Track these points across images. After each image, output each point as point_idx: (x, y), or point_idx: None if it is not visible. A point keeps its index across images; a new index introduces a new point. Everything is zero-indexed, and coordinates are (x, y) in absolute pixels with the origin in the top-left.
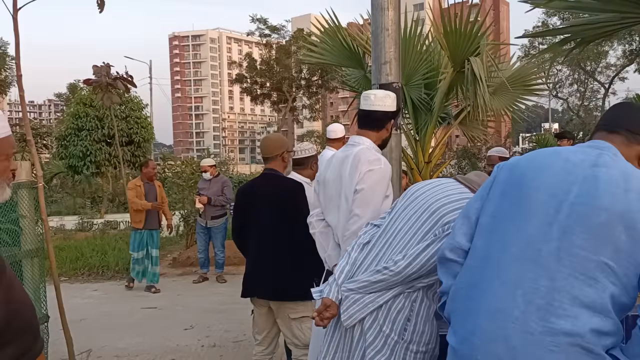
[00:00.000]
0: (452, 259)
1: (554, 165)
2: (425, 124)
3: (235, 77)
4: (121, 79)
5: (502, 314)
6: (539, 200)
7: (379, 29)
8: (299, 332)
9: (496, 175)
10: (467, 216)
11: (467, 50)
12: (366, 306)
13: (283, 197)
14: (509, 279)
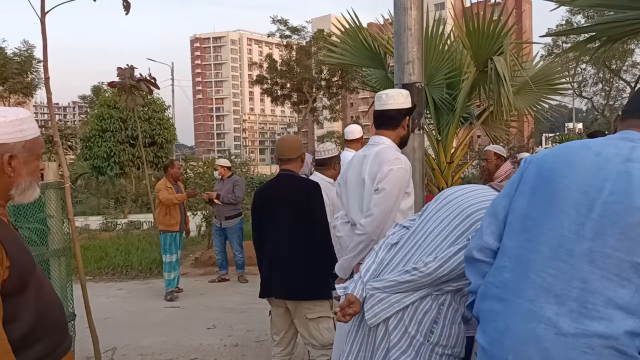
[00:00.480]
0: (480, 259)
1: (585, 160)
2: (447, 124)
3: (256, 79)
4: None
5: (534, 315)
6: (570, 198)
7: (401, 29)
8: (316, 333)
9: (524, 171)
10: (495, 214)
11: (490, 49)
12: (392, 306)
13: (299, 197)
14: (541, 280)
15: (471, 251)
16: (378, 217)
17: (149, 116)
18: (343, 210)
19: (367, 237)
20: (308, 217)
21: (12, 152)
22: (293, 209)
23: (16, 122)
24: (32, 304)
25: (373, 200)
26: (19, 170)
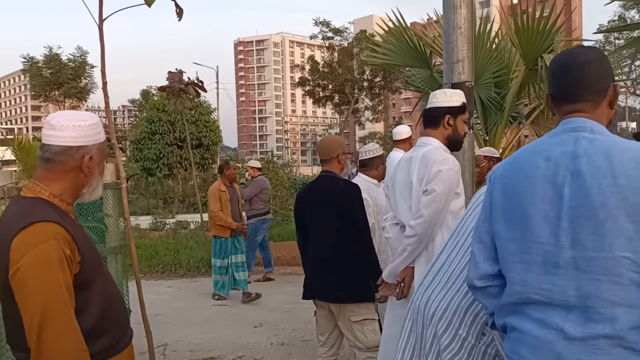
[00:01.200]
0: (484, 286)
1: (538, 169)
2: (495, 123)
3: (298, 81)
4: (192, 84)
5: (544, 322)
6: (539, 213)
7: (451, 27)
8: (361, 335)
9: (491, 192)
10: (482, 241)
11: (540, 47)
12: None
13: (338, 199)
14: (540, 297)
15: (472, 281)
16: (428, 218)
17: (195, 119)
18: (392, 212)
19: (417, 239)
20: (348, 219)
21: (90, 153)
22: (333, 210)
23: (94, 126)
24: (98, 298)
25: (422, 201)
26: (93, 170)
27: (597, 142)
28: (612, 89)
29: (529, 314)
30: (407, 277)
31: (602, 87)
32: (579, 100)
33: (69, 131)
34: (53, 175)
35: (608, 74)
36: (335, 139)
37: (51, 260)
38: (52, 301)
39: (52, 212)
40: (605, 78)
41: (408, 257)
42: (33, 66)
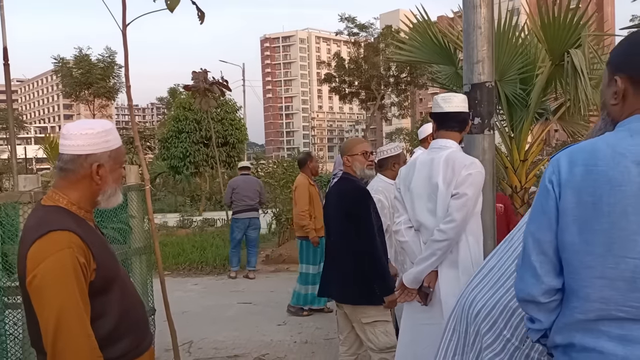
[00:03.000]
0: (548, 301)
1: (629, 175)
2: (521, 120)
3: (324, 77)
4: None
5: (627, 339)
6: (633, 225)
7: (470, 27)
8: (372, 336)
9: (557, 199)
10: (543, 252)
11: (567, 42)
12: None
13: (345, 201)
14: (625, 314)
15: (535, 297)
16: (460, 222)
17: (221, 117)
18: (406, 215)
19: (448, 243)
20: (353, 223)
21: (99, 161)
22: (341, 213)
23: (102, 134)
24: (116, 303)
25: (453, 205)
26: (106, 178)
27: None
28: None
29: (606, 331)
30: (432, 282)
31: None
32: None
33: (77, 139)
34: (68, 184)
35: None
36: (350, 141)
37: (65, 268)
38: (66, 308)
39: (69, 220)
40: None
41: (436, 262)
42: (64, 67)
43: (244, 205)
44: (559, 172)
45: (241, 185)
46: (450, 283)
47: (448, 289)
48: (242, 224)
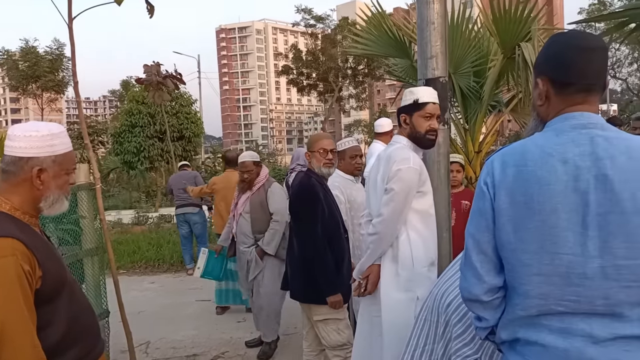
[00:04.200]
0: (490, 300)
1: (556, 173)
2: (475, 112)
3: (282, 69)
4: (170, 77)
5: (569, 331)
6: (561, 222)
7: (424, 23)
8: (324, 334)
9: (492, 200)
10: (483, 252)
11: (518, 35)
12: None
13: (292, 198)
14: (564, 308)
15: (478, 296)
16: (387, 217)
17: (176, 110)
18: (368, 209)
19: (378, 237)
20: (300, 218)
21: (41, 165)
22: (292, 208)
23: (47, 137)
24: (64, 311)
25: (383, 200)
26: (48, 184)
27: (614, 141)
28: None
29: (548, 325)
30: (372, 275)
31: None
32: (594, 90)
33: (20, 141)
34: (9, 187)
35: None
36: (312, 136)
37: (9, 277)
38: (10, 319)
39: (12, 226)
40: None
41: (372, 255)
42: (9, 59)
43: (179, 200)
44: (492, 174)
45: (174, 181)
46: (390, 277)
47: (387, 283)
48: (179, 219)
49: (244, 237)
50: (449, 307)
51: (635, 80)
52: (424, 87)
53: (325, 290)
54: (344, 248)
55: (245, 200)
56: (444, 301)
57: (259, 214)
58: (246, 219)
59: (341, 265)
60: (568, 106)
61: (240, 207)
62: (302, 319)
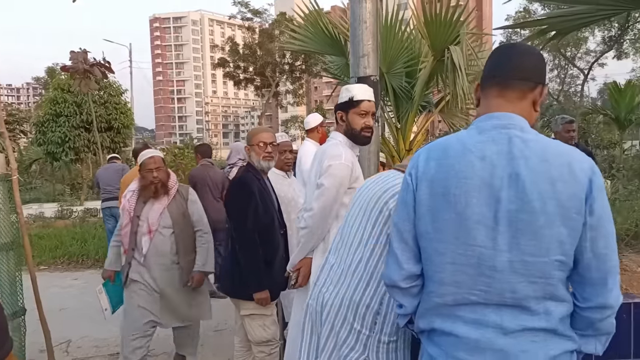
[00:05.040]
0: (408, 287)
1: (473, 168)
2: (407, 111)
3: (218, 62)
4: (98, 65)
5: (480, 322)
6: (474, 215)
7: (356, 21)
8: (249, 329)
9: (415, 190)
10: (404, 240)
11: (447, 39)
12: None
13: (227, 192)
14: (476, 298)
15: (397, 282)
16: (317, 212)
17: (104, 100)
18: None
19: (308, 231)
20: (233, 214)
21: None
22: (225, 204)
23: None
24: None
25: (314, 195)
26: None
27: (531, 144)
28: (540, 90)
29: (461, 316)
30: (304, 267)
31: (532, 80)
32: (509, 83)
33: None
34: None
35: (541, 73)
36: (252, 130)
37: None
38: None
39: None
40: (537, 74)
41: (303, 249)
42: None
43: (106, 193)
44: (417, 167)
45: (102, 174)
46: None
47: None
48: (106, 214)
49: (160, 258)
50: (329, 315)
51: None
52: (360, 85)
53: (252, 287)
54: (278, 244)
55: (162, 212)
56: (324, 309)
57: (183, 229)
58: (165, 236)
59: (273, 262)
60: (487, 99)
61: (156, 222)
62: (234, 314)
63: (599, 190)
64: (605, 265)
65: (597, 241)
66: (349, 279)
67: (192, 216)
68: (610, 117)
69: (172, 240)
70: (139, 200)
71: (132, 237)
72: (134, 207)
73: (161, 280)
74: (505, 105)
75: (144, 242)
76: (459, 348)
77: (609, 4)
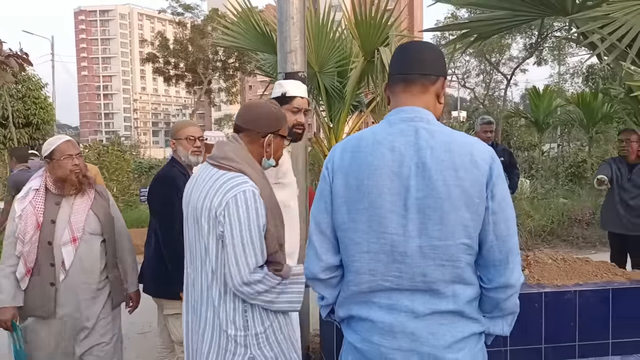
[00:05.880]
0: (327, 278)
1: (384, 159)
2: (339, 111)
3: (146, 57)
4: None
5: (394, 307)
6: (386, 203)
7: (283, 17)
8: (173, 328)
9: (331, 182)
10: (322, 232)
11: (377, 40)
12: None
13: (150, 189)
14: (390, 284)
15: (316, 274)
16: None
17: (22, 94)
18: None
19: None
20: (157, 212)
21: None
22: (149, 201)
23: None
24: None
25: None
26: None
27: (436, 134)
28: (442, 82)
29: (377, 302)
30: None
31: (434, 73)
32: (412, 77)
33: None
34: None
35: (441, 67)
36: (177, 123)
37: None
38: None
39: None
40: (437, 68)
41: None
42: None
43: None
44: (333, 159)
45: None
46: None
47: None
48: None
49: (87, 275)
50: (205, 329)
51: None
52: (293, 81)
53: (178, 286)
54: None
55: (86, 214)
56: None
57: (111, 236)
58: (93, 245)
59: None
60: (394, 95)
61: (81, 226)
62: (157, 316)
63: (499, 177)
64: (506, 247)
65: (498, 224)
66: (207, 292)
67: (118, 221)
68: (530, 121)
69: (102, 251)
70: (48, 200)
71: (42, 251)
72: (43, 209)
73: (87, 309)
74: (410, 99)
75: (66, 255)
76: (374, 332)
77: (525, 10)
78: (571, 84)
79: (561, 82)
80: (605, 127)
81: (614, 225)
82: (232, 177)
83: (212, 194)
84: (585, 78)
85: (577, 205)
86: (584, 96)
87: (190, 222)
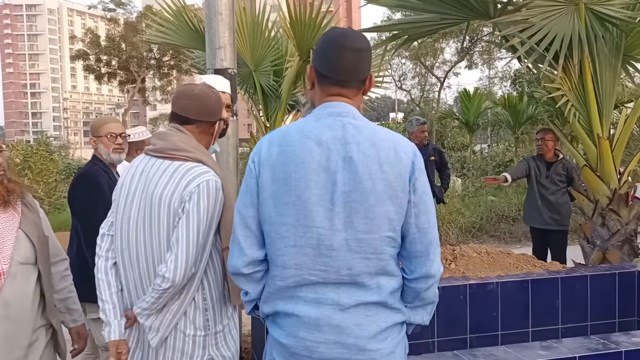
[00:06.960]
0: (251, 272)
1: (311, 153)
2: (275, 110)
3: (76, 53)
4: None
5: (320, 301)
6: (313, 197)
7: (212, 12)
8: (97, 334)
9: (257, 176)
10: (247, 227)
11: (312, 40)
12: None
13: (70, 188)
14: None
15: (239, 269)
16: None
17: None
18: None
19: None
20: (78, 213)
21: None
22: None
23: None
24: None
25: None
26: None
27: (362, 129)
28: (369, 79)
29: (303, 296)
30: None
31: (366, 75)
32: (348, 85)
33: None
34: None
35: (370, 64)
36: (96, 120)
37: None
38: None
39: None
40: (369, 67)
41: None
42: None
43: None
44: (259, 153)
45: None
46: None
47: None
48: None
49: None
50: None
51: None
52: (215, 76)
53: None
54: None
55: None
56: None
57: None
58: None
59: None
60: (326, 96)
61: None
62: None
63: (420, 171)
64: (427, 238)
65: (420, 216)
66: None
67: (52, 241)
68: (462, 122)
69: (36, 288)
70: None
71: None
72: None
73: None
74: (344, 100)
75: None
76: (300, 327)
77: (451, 14)
78: (500, 87)
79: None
80: (531, 128)
81: (535, 221)
82: (193, 167)
83: (173, 185)
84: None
85: (504, 202)
86: (511, 99)
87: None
